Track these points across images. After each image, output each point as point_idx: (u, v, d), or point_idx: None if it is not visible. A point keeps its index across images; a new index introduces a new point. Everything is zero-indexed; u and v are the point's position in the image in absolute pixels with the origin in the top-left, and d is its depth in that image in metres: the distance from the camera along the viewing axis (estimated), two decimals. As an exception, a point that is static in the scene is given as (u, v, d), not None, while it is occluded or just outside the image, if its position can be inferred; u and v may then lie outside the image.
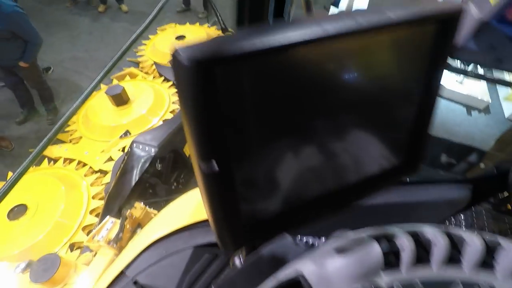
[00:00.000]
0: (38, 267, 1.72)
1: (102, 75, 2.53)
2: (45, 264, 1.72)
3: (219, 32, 4.46)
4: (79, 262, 1.93)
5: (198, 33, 4.34)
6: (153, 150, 2.46)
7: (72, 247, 2.42)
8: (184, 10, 5.84)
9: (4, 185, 1.94)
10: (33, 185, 2.67)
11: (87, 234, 2.48)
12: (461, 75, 3.80)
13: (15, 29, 2.81)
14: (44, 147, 2.16)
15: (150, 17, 3.00)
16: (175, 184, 2.96)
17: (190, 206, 0.99)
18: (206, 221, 0.97)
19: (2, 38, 2.79)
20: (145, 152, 2.44)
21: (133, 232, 2.01)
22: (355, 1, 3.08)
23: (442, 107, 4.45)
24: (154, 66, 3.95)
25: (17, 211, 2.46)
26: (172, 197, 2.24)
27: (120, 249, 1.76)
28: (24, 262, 2.25)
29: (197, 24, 4.68)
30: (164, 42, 4.19)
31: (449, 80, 3.90)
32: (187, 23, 4.71)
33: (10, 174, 2.94)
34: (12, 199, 2.51)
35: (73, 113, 2.36)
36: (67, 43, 5.08)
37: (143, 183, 2.54)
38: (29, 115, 3.86)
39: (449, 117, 4.67)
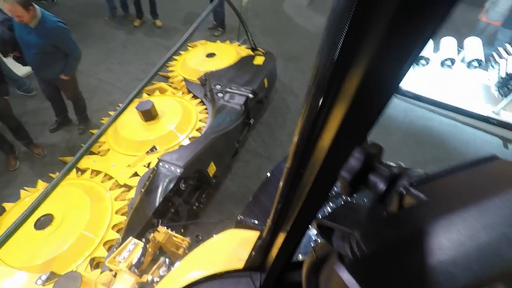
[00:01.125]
0: (61, 285, 1.72)
1: (135, 93, 2.59)
2: (67, 282, 1.72)
3: (249, 51, 4.51)
4: (98, 281, 1.92)
5: (228, 51, 4.39)
6: (178, 170, 2.45)
7: (92, 262, 2.42)
8: (216, 27, 5.98)
9: (37, 197, 1.98)
10: (60, 195, 2.72)
11: (108, 250, 2.49)
12: (498, 106, 3.60)
13: (57, 44, 2.94)
14: (77, 162, 2.21)
15: (185, 36, 3.06)
16: (196, 204, 2.94)
17: (220, 252, 0.95)
18: (235, 271, 0.93)
19: (45, 52, 2.93)
20: (171, 172, 2.44)
21: (154, 255, 1.99)
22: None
23: (476, 138, 4.21)
24: (183, 82, 4.02)
25: (44, 221, 2.50)
26: (194, 221, 2.19)
27: (141, 273, 1.74)
28: (45, 274, 2.28)
29: (227, 42, 4.75)
30: (195, 59, 4.26)
31: (484, 110, 3.70)
32: (218, 41, 4.79)
33: (39, 182, 3.03)
34: (39, 208, 2.57)
35: (106, 129, 2.42)
36: (102, 55, 5.30)
37: (166, 202, 2.54)
38: (62, 124, 4.00)
39: (484, 149, 4.41)
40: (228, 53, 4.33)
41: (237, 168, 3.75)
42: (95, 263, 2.46)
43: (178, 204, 2.58)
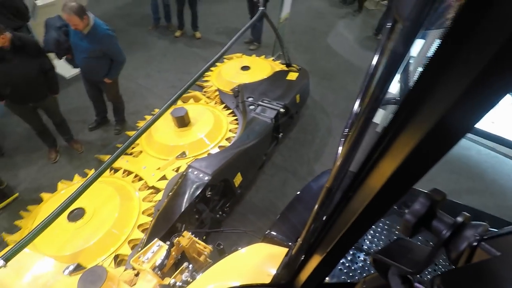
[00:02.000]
0: (87, 277, 1.78)
1: (173, 99, 2.70)
2: (93, 276, 1.78)
3: (283, 67, 4.57)
4: (121, 278, 1.97)
5: (262, 65, 4.48)
6: (206, 177, 2.50)
7: (116, 258, 2.50)
8: (252, 41, 6.13)
9: (74, 191, 2.09)
10: (93, 190, 2.84)
11: (132, 249, 2.56)
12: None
13: (105, 49, 3.16)
14: (113, 162, 2.32)
15: (224, 48, 3.17)
16: (220, 212, 2.97)
17: (248, 264, 0.96)
18: (262, 285, 0.93)
19: (94, 56, 3.15)
20: (199, 179, 2.49)
21: (176, 259, 2.02)
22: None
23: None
24: (217, 93, 4.13)
25: (76, 214, 2.62)
26: (217, 230, 2.20)
27: (162, 276, 1.77)
28: (72, 265, 2.38)
29: (263, 56, 4.85)
30: (230, 71, 4.38)
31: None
32: (254, 55, 4.90)
33: (76, 176, 3.20)
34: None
35: (142, 132, 2.52)
36: (143, 62, 5.59)
37: (192, 208, 2.59)
38: (100, 123, 4.23)
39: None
40: (262, 67, 4.41)
41: (262, 181, 3.75)
42: (119, 260, 2.53)
43: (202, 211, 2.62)
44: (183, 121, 3.27)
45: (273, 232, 1.17)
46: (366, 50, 6.51)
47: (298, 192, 1.54)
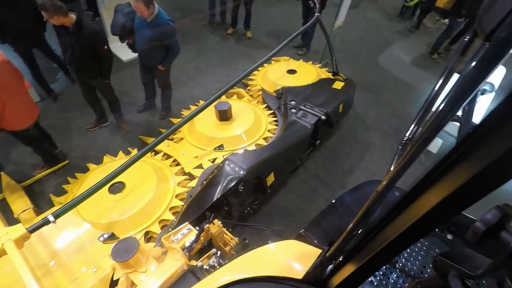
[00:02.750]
0: (120, 246, 1.89)
1: (219, 93, 2.80)
2: (127, 246, 1.89)
3: (329, 75, 4.53)
4: (150, 253, 2.08)
5: (309, 71, 4.47)
6: (242, 172, 2.56)
7: (146, 234, 2.64)
8: (301, 46, 6.14)
9: (120, 166, 2.24)
10: (134, 168, 3.01)
11: (161, 228, 2.69)
12: None
13: (164, 39, 3.35)
14: (157, 144, 2.45)
15: (275, 50, 3.22)
16: (248, 208, 3.02)
17: (280, 258, 0.98)
18: (293, 279, 0.95)
19: (152, 44, 3.35)
20: (234, 172, 2.56)
21: (203, 245, 2.09)
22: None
23: None
24: (260, 92, 4.19)
25: (117, 187, 2.80)
26: (246, 223, 2.23)
27: (189, 259, 1.85)
28: (107, 233, 2.54)
29: (310, 62, 4.84)
30: (275, 73, 4.42)
31: None
32: (301, 60, 4.91)
33: (120, 153, 3.42)
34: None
35: (188, 121, 2.64)
36: (194, 54, 5.82)
37: (223, 199, 2.66)
38: (148, 107, 4.48)
39: None
40: (308, 73, 4.41)
41: (292, 185, 3.75)
42: (148, 237, 2.67)
43: (232, 204, 2.68)
44: (225, 115, 3.37)
45: (306, 232, 1.18)
46: (418, 68, 6.25)
47: (333, 201, 1.54)
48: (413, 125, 0.86)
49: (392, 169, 0.64)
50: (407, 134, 0.87)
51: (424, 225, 0.48)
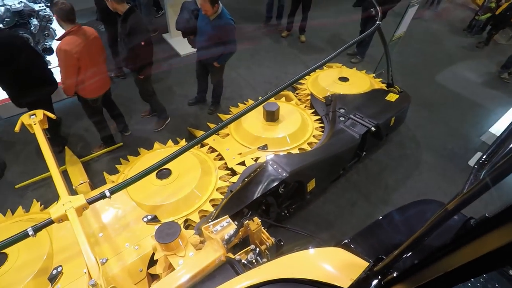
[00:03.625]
0: (163, 229, 1.99)
1: (270, 95, 2.83)
2: (169, 229, 1.98)
3: (383, 86, 4.36)
4: (190, 240, 2.17)
5: (362, 80, 4.34)
6: (284, 174, 2.56)
7: (185, 222, 2.75)
8: (355, 54, 5.99)
9: (170, 154, 2.36)
10: (181, 157, 3.16)
11: (200, 218, 2.79)
12: None
13: (223, 37, 3.46)
14: (206, 138, 2.54)
15: (330, 57, 3.18)
16: (285, 211, 3.01)
17: (324, 263, 0.97)
18: (337, 287, 0.94)
19: (212, 41, 3.49)
20: (277, 173, 2.57)
21: (239, 241, 2.13)
22: None
23: None
24: (309, 97, 4.16)
25: (164, 173, 2.95)
26: (283, 225, 2.22)
27: (227, 251, 1.89)
28: (151, 215, 2.69)
29: (364, 71, 4.70)
30: (327, 79, 4.36)
31: None
32: (354, 68, 4.79)
33: (169, 141, 3.60)
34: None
35: (235, 119, 2.70)
36: (248, 54, 5.94)
37: (262, 198, 2.69)
38: (198, 101, 4.67)
39: None
40: (361, 82, 4.28)
41: (332, 194, 3.67)
42: (186, 225, 2.78)
43: (270, 204, 2.70)
44: (272, 116, 3.40)
45: (351, 242, 1.16)
46: (484, 87, 5.77)
47: (380, 217, 1.48)
48: (494, 146, 0.80)
49: (465, 190, 0.61)
50: (485, 155, 0.81)
51: (497, 261, 0.45)
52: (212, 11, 3.20)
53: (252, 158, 3.22)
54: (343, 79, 4.30)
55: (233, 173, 3.17)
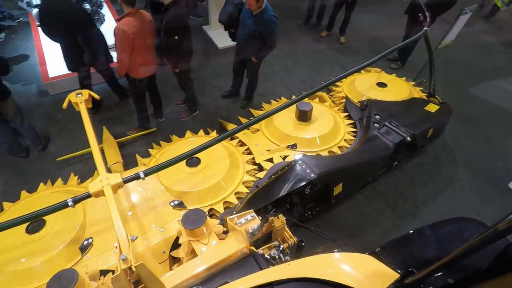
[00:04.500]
0: (190, 215, 2.05)
1: (306, 94, 2.80)
2: (196, 216, 2.04)
3: (423, 95, 4.18)
4: (213, 229, 2.22)
5: (401, 87, 4.19)
6: (312, 175, 2.54)
7: (209, 211, 2.81)
8: (396, 59, 5.77)
9: (201, 144, 2.41)
10: (212, 148, 3.21)
11: (224, 209, 2.84)
12: None
13: (264, 33, 3.47)
14: (237, 132, 2.57)
15: (370, 61, 3.10)
16: (308, 212, 2.99)
17: (352, 269, 0.96)
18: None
19: (252, 36, 3.51)
20: (305, 174, 2.56)
21: (261, 236, 2.15)
22: None
23: None
24: (344, 100, 4.08)
25: (193, 161, 3.02)
26: (307, 226, 2.21)
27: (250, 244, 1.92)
28: (177, 200, 2.78)
29: (404, 78, 4.53)
30: (364, 83, 4.25)
31: None
32: (394, 74, 4.62)
33: (201, 131, 3.68)
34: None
35: (268, 116, 2.70)
36: (284, 51, 5.91)
37: (287, 196, 2.68)
38: (232, 94, 4.73)
39: None
40: (400, 89, 4.13)
41: (358, 201, 3.59)
42: (210, 214, 2.84)
43: (295, 204, 2.69)
44: (305, 116, 3.37)
45: (382, 252, 1.13)
46: (535, 106, 5.36)
47: (411, 231, 1.44)
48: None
49: (521, 210, 0.57)
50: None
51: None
52: (256, 5, 3.21)
53: (280, 156, 3.22)
54: (381, 84, 4.16)
55: (260, 168, 3.19)
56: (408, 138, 3.24)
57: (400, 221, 3.47)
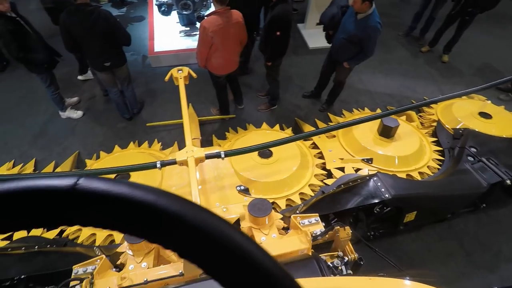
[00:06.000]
0: (256, 204, 2.11)
1: (396, 110, 2.64)
2: (262, 205, 2.09)
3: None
4: (276, 222, 2.26)
5: (508, 122, 3.65)
6: (387, 195, 2.40)
7: (271, 204, 2.86)
8: (508, 90, 5.03)
9: (280, 139, 2.46)
10: (285, 145, 3.26)
11: (286, 206, 2.86)
12: None
13: (364, 39, 3.32)
14: (315, 134, 2.54)
15: (479, 87, 2.77)
16: (371, 232, 2.85)
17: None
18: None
19: (350, 40, 3.40)
20: (379, 192, 2.43)
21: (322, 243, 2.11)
22: None
23: None
24: (435, 124, 3.73)
25: (266, 153, 3.10)
26: (371, 247, 2.10)
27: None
28: (244, 186, 2.90)
29: (515, 113, 3.93)
30: (463, 110, 3.81)
31: None
32: (502, 106, 4.05)
33: (277, 126, 3.74)
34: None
35: (350, 125, 2.61)
36: (376, 61, 5.45)
37: (353, 210, 2.59)
38: (313, 95, 4.70)
39: None
40: (507, 124, 3.61)
41: (428, 235, 3.27)
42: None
43: (360, 220, 2.58)
44: (389, 132, 3.18)
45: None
46: None
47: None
48: None
49: None
50: None
51: None
52: (360, 7, 3.09)
53: (353, 167, 3.11)
54: (485, 115, 3.69)
55: (329, 175, 3.13)
56: (508, 182, 2.82)
57: (473, 270, 3.07)
